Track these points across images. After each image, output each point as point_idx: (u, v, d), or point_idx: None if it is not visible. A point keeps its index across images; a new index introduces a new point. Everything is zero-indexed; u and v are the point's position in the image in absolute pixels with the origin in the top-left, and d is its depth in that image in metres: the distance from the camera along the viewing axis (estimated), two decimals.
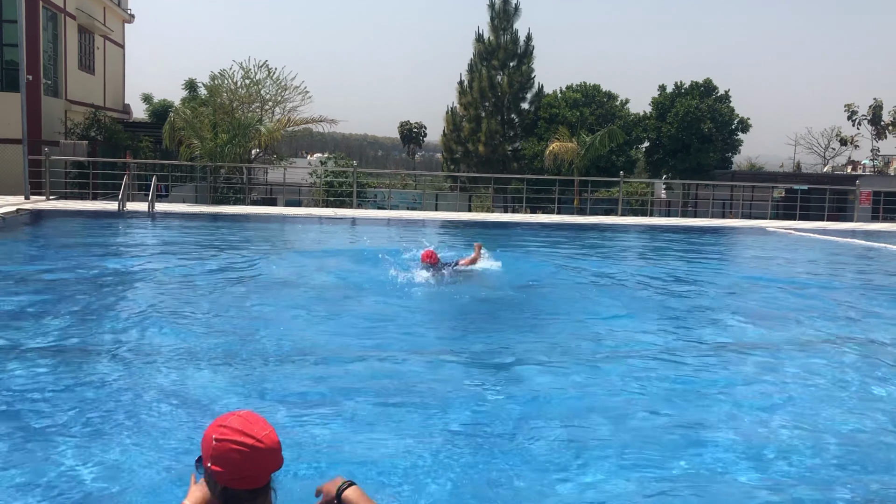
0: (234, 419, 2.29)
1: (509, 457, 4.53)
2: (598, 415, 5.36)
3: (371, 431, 4.83)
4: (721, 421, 5.31)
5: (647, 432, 5.04)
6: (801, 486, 4.32)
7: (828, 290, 11.78)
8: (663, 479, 4.34)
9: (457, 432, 4.89)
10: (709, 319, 9.34)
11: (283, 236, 17.21)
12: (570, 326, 8.48)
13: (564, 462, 4.50)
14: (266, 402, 5.31)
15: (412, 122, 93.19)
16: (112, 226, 16.78)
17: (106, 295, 9.19)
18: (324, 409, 5.23)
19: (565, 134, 30.22)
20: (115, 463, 4.25)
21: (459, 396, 5.67)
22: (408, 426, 4.96)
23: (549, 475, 4.33)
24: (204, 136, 23.60)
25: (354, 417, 5.07)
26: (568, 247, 16.80)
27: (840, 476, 4.48)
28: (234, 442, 2.24)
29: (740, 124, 40.51)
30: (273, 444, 2.28)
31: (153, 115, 38.18)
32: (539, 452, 4.61)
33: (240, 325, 7.75)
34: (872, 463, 4.69)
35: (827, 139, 63.81)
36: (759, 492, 4.21)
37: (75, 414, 4.96)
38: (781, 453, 4.73)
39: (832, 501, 4.16)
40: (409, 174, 45.09)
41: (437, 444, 4.66)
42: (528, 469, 4.39)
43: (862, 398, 6.00)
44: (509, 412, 5.32)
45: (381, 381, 5.93)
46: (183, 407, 5.16)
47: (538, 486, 4.18)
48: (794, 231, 20.65)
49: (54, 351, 6.47)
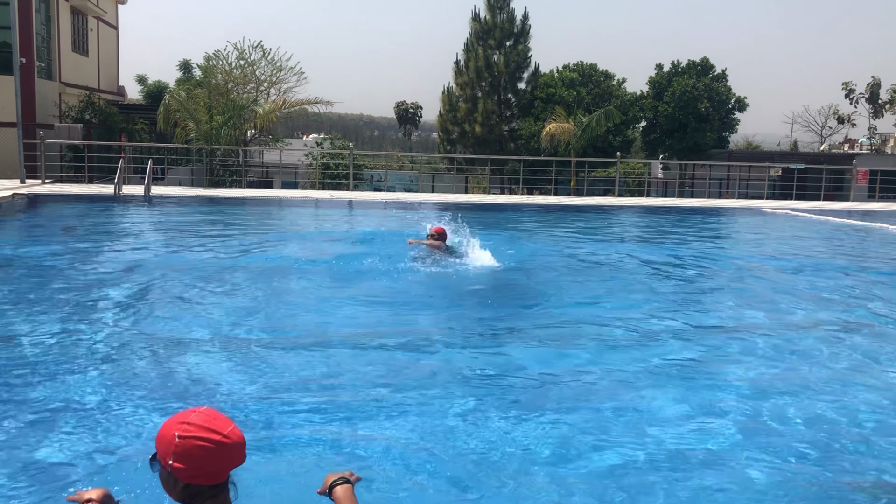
0: (196, 416, 2.30)
1: (509, 441, 4.58)
2: (598, 397, 5.42)
3: (371, 418, 4.87)
4: (717, 400, 5.37)
5: (649, 414, 5.10)
6: (802, 466, 4.38)
7: (821, 271, 11.83)
8: (667, 462, 4.39)
9: (458, 415, 4.94)
10: (704, 301, 9.39)
11: (279, 220, 17.21)
12: (571, 308, 8.52)
13: (565, 446, 4.55)
14: (264, 384, 5.35)
15: (408, 103, 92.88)
16: (109, 210, 16.77)
17: (104, 279, 9.21)
18: (324, 391, 5.28)
19: (562, 114, 30.12)
20: (102, 447, 4.30)
21: (460, 379, 5.72)
22: (408, 413, 5.01)
23: (548, 460, 4.38)
24: (199, 119, 23.51)
25: (352, 401, 5.12)
26: (565, 229, 16.83)
27: (840, 453, 4.54)
28: (200, 438, 2.24)
29: (737, 103, 40.37)
30: (238, 439, 2.30)
31: (148, 97, 37.94)
32: (537, 436, 4.66)
33: (237, 309, 7.78)
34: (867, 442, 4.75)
35: (824, 117, 63.68)
36: (762, 471, 4.27)
37: (66, 396, 5.00)
38: (779, 429, 4.80)
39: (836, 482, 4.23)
40: (406, 156, 44.97)
41: (439, 430, 4.71)
42: (528, 454, 4.44)
43: (856, 375, 6.06)
44: (509, 394, 5.38)
45: (377, 365, 5.98)
46: (181, 390, 5.20)
47: (536, 471, 4.23)
48: (790, 212, 20.68)
49: (51, 334, 6.50)
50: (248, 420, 4.72)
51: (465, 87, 39.12)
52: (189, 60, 36.66)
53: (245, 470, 2.29)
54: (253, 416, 4.83)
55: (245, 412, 4.85)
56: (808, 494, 4.13)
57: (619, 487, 4.09)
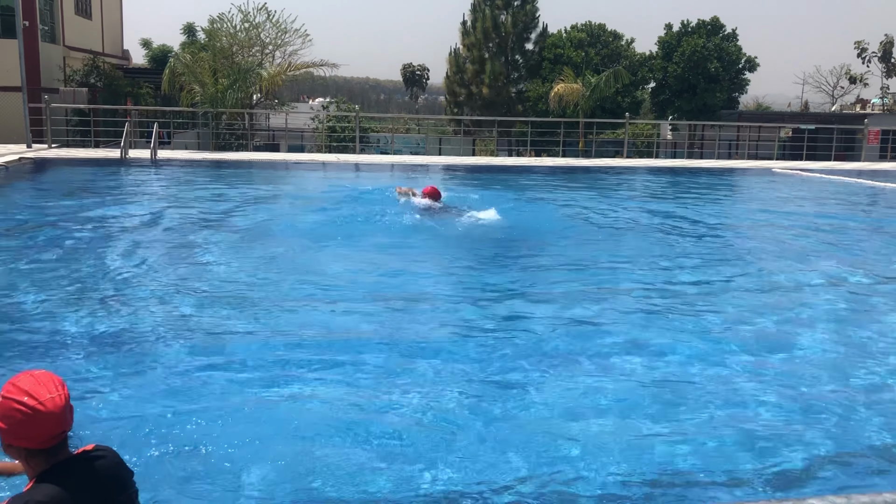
0: (25, 379, 2.28)
1: (516, 401, 4.59)
2: (603, 357, 5.42)
3: (377, 377, 4.89)
4: (722, 357, 5.37)
5: (652, 373, 5.10)
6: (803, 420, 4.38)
7: (829, 231, 11.75)
8: (668, 423, 4.40)
9: (463, 374, 4.95)
10: (711, 260, 9.36)
11: (286, 182, 17.16)
12: (576, 266, 8.50)
13: (573, 405, 4.56)
14: (269, 346, 5.37)
15: (415, 65, 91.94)
16: (116, 173, 16.74)
17: (113, 241, 9.24)
18: (330, 351, 5.29)
19: (570, 75, 29.76)
20: (109, 404, 4.33)
21: (464, 337, 5.73)
22: (411, 373, 5.02)
23: (556, 417, 4.39)
24: (204, 82, 23.33)
25: (356, 360, 5.13)
26: (574, 190, 16.73)
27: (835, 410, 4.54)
28: (17, 402, 2.22)
29: (747, 63, 39.85)
30: (55, 408, 2.25)
31: (152, 61, 37.66)
32: (543, 395, 4.67)
33: (244, 269, 7.80)
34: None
35: (836, 77, 62.79)
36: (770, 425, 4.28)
37: (78, 355, 5.04)
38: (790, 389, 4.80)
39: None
40: (413, 118, 44.64)
41: (449, 388, 4.72)
42: (533, 410, 4.45)
43: (861, 331, 6.05)
44: (514, 353, 5.38)
45: (382, 323, 5.99)
46: (185, 349, 5.23)
47: (542, 429, 4.24)
48: (801, 172, 20.48)
49: (68, 295, 6.53)
50: (249, 369, 4.77)
51: (472, 48, 38.67)
52: (193, 24, 36.29)
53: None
54: (252, 366, 4.86)
55: (244, 363, 4.90)
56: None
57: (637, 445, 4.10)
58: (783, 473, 3.78)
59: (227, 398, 4.43)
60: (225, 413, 4.20)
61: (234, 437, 3.89)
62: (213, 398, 4.43)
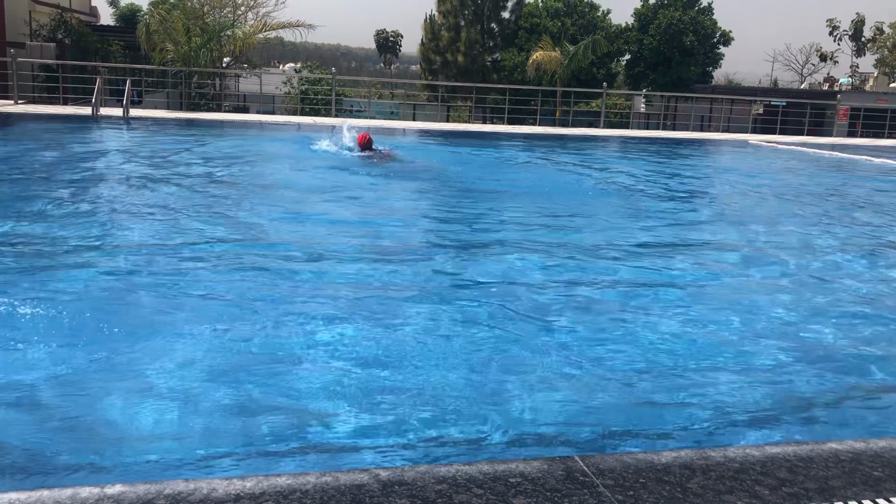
0: None
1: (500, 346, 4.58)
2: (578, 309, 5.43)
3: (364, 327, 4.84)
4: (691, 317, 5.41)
5: (627, 323, 5.12)
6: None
7: (811, 197, 11.91)
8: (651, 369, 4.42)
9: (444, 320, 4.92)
10: (691, 223, 9.43)
11: (262, 142, 16.89)
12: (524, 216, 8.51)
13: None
14: (242, 304, 5.28)
15: (388, 31, 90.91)
16: (87, 129, 16.31)
17: (86, 197, 9.02)
18: (315, 307, 5.23)
19: (548, 43, 29.65)
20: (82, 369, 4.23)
21: (433, 285, 5.71)
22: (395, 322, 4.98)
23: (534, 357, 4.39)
24: (178, 40, 22.81)
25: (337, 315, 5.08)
26: (550, 154, 16.72)
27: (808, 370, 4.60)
28: None
29: (722, 37, 40.01)
30: None
31: (120, 20, 36.78)
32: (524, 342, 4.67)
33: (221, 228, 7.66)
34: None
35: (805, 56, 63.46)
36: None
37: (48, 314, 4.91)
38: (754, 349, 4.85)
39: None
40: (388, 82, 44.20)
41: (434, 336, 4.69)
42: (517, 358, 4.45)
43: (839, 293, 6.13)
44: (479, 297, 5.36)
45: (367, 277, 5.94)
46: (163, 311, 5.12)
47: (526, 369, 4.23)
48: (777, 145, 20.71)
49: (38, 255, 6.36)
50: (228, 324, 4.68)
51: (448, 15, 38.30)
52: None
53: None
54: (229, 324, 4.78)
55: (222, 320, 4.81)
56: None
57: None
58: (802, 419, 3.82)
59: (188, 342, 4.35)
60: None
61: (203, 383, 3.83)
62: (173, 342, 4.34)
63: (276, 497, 2.21)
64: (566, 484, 2.37)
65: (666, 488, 2.37)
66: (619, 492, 2.33)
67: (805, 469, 2.54)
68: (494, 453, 3.31)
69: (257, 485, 2.27)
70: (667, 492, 2.35)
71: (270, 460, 3.16)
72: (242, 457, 3.17)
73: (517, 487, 2.33)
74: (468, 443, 3.39)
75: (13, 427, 3.35)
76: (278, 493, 2.23)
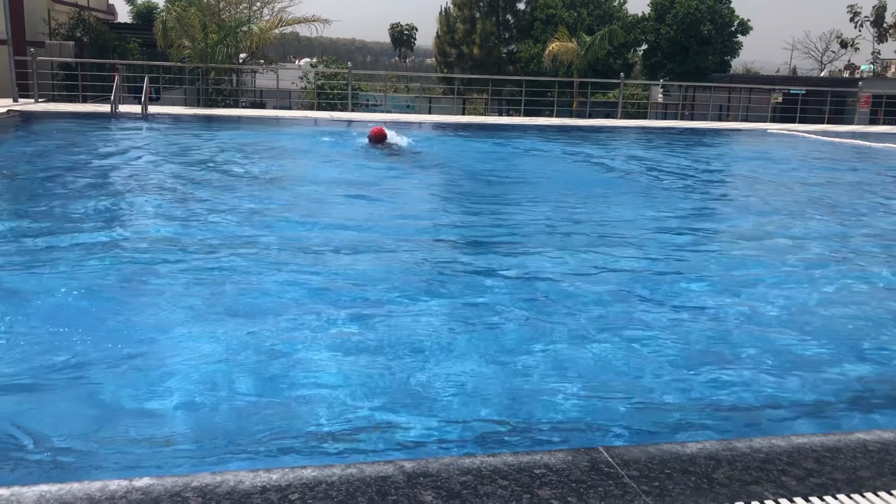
0: None
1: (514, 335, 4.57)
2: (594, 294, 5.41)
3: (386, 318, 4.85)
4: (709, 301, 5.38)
5: (642, 312, 5.10)
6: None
7: (832, 186, 11.80)
8: (662, 358, 4.40)
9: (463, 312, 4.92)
10: (714, 212, 9.37)
11: (281, 138, 16.95)
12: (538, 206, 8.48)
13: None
14: (264, 297, 5.31)
15: (403, 24, 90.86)
16: (107, 127, 16.45)
17: (109, 193, 9.10)
18: (335, 300, 5.25)
19: (565, 34, 29.46)
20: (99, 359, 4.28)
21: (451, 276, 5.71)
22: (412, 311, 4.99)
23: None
24: (195, 37, 22.90)
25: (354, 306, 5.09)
26: (567, 144, 16.66)
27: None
28: None
29: (740, 26, 39.58)
30: None
31: (137, 17, 36.97)
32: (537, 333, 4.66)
33: (243, 221, 7.72)
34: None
35: (825, 43, 62.71)
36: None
37: (73, 306, 4.96)
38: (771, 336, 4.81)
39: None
40: (404, 75, 44.16)
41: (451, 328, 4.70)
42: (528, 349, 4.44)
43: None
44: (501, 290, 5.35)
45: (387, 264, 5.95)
46: (176, 304, 5.16)
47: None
48: (797, 133, 20.47)
49: (65, 247, 6.43)
50: (247, 311, 4.71)
51: (463, 7, 38.18)
52: None
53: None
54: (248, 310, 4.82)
55: (244, 307, 4.85)
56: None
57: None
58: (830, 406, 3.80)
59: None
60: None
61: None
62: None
63: (301, 489, 2.22)
64: (591, 475, 2.36)
65: (691, 479, 2.36)
66: (644, 482, 2.32)
67: (832, 459, 2.52)
68: (522, 445, 3.32)
69: (283, 477, 2.29)
70: (692, 482, 2.34)
71: (297, 454, 3.18)
72: (281, 448, 3.19)
73: (542, 479, 2.32)
74: (494, 434, 3.39)
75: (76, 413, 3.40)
76: (304, 485, 2.24)
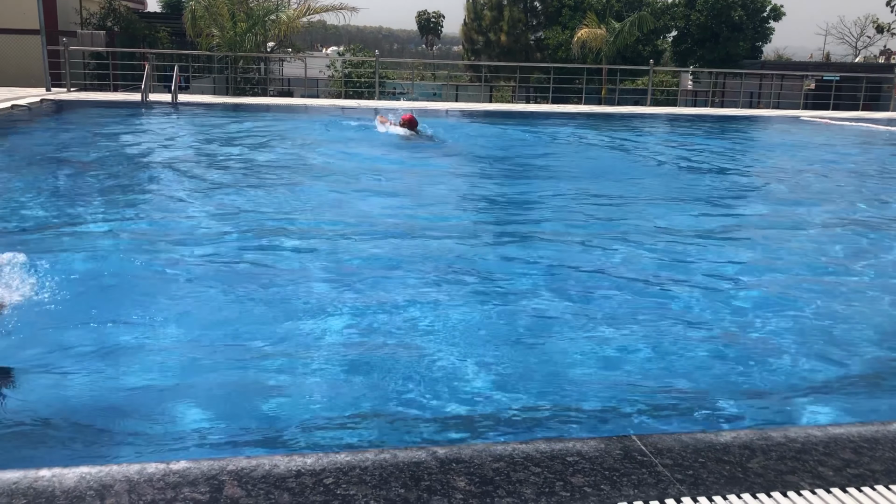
0: None
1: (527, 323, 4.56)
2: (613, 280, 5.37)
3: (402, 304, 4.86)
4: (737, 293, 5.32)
5: (660, 303, 5.07)
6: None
7: (864, 176, 11.60)
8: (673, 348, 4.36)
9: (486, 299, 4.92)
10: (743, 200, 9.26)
11: (309, 125, 17.01)
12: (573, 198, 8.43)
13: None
14: (293, 283, 5.35)
15: (430, 12, 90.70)
16: (138, 115, 16.63)
17: (141, 180, 9.22)
18: (359, 284, 5.27)
19: (594, 20, 29.20)
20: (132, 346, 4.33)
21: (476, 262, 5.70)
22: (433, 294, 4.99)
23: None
24: (223, 26, 23.04)
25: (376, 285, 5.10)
26: (591, 131, 16.54)
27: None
28: None
29: (773, 12, 38.92)
30: None
31: (166, 6, 37.27)
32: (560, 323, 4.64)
33: (276, 209, 7.77)
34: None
35: (860, 28, 61.49)
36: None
37: (100, 294, 5.03)
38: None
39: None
40: (431, 63, 44.09)
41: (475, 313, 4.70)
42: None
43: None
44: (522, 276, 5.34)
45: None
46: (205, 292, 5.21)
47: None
48: (830, 120, 20.12)
49: (96, 234, 6.51)
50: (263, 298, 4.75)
51: None
52: None
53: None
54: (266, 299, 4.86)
55: (262, 292, 4.90)
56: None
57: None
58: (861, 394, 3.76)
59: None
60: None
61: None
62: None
63: (335, 473, 2.24)
64: (624, 463, 2.36)
65: (726, 468, 2.34)
66: (678, 471, 2.31)
67: (870, 450, 2.49)
68: (555, 431, 3.32)
69: (317, 461, 2.31)
70: (727, 471, 2.32)
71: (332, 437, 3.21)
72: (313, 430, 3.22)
73: (575, 466, 2.32)
74: (526, 421, 3.39)
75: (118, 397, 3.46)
76: (338, 470, 2.26)
